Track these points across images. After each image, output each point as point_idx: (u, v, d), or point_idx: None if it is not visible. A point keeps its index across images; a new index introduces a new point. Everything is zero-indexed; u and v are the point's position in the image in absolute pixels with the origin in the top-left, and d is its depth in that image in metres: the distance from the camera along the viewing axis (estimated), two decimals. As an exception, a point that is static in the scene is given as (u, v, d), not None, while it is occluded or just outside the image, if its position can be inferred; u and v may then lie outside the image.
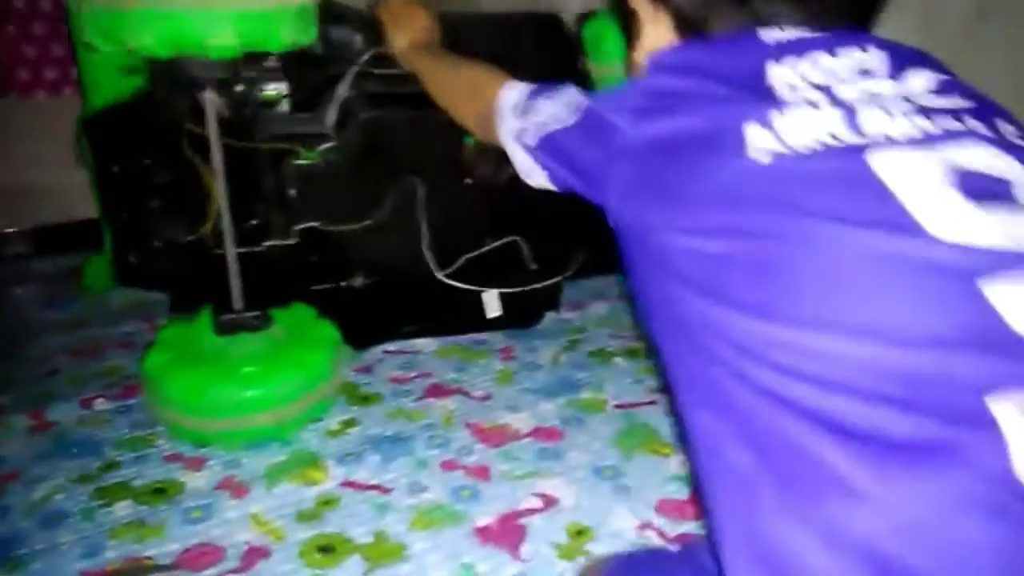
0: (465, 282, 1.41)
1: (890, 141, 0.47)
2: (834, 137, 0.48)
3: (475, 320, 1.47)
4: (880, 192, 0.44)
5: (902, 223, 0.43)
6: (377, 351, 1.42)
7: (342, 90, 1.26)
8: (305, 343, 1.21)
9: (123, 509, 0.99)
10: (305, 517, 0.98)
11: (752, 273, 0.45)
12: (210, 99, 1.08)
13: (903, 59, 0.54)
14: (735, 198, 0.48)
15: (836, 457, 0.41)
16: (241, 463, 1.10)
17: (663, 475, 1.07)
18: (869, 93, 0.51)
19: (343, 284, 1.36)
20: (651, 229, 0.52)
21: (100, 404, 1.26)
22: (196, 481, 1.05)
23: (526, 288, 1.45)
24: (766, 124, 0.49)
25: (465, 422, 1.20)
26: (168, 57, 0.97)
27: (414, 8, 1.05)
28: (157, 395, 1.15)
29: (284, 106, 1.26)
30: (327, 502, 1.01)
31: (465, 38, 1.31)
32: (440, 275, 1.38)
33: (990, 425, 0.39)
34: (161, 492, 1.03)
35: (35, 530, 0.94)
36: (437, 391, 1.30)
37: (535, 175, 0.70)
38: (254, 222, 1.30)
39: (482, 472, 1.07)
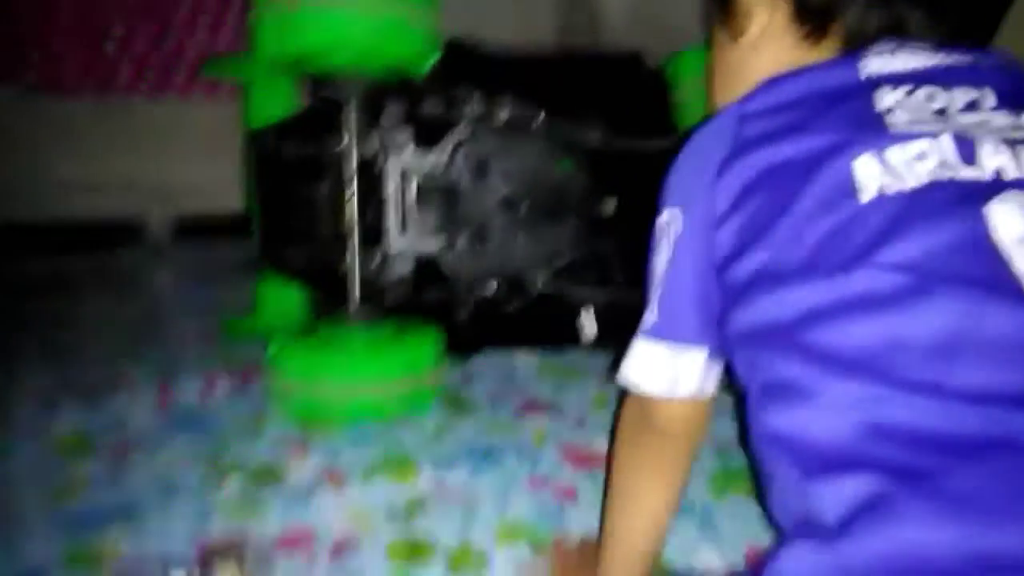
0: (561, 292, 1.43)
1: (1007, 183, 0.45)
2: (948, 170, 0.46)
3: (574, 339, 1.48)
4: (989, 247, 0.43)
5: (1004, 284, 0.41)
6: (478, 362, 1.46)
7: (460, 133, 1.33)
8: (412, 334, 1.31)
9: (232, 486, 1.06)
10: (395, 515, 1.01)
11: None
12: (350, 114, 1.16)
13: (1014, 90, 0.51)
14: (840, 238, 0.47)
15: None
16: (341, 454, 1.15)
17: (756, 520, 1.03)
18: (985, 125, 0.48)
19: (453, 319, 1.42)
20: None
21: (222, 385, 1.35)
22: (300, 467, 1.11)
23: (622, 304, 1.45)
24: (879, 157, 0.47)
25: (556, 442, 1.21)
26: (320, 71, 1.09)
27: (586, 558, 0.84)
28: (277, 370, 1.26)
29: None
30: (417, 503, 1.04)
31: (547, 77, 1.35)
32: (536, 279, 1.40)
33: None
34: (267, 474, 1.09)
35: (152, 494, 1.03)
36: (532, 407, 1.32)
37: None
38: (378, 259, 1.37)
39: (570, 494, 1.08)
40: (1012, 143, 0.46)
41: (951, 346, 0.42)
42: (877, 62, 0.54)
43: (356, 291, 1.26)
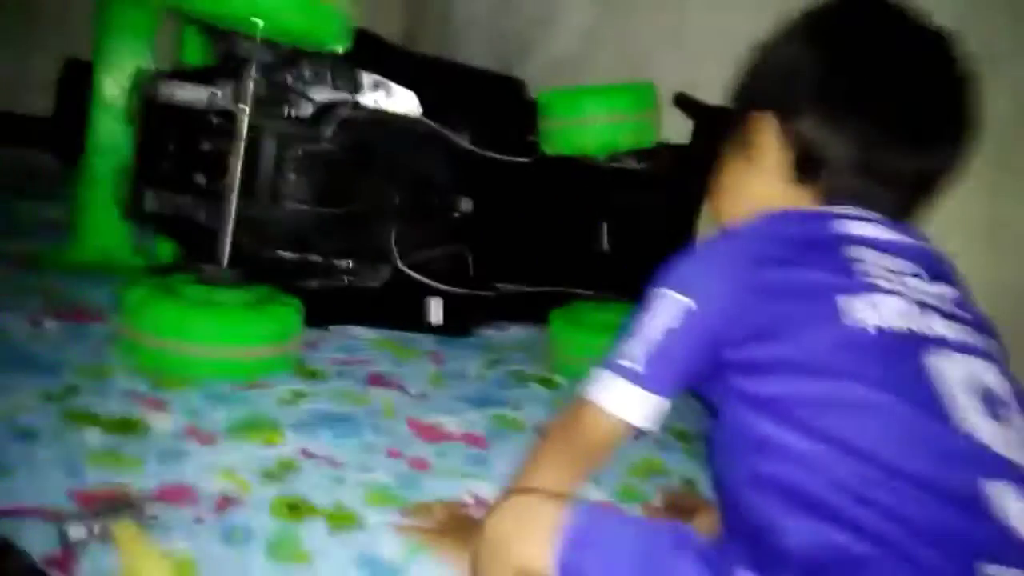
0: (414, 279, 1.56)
1: (942, 343, 0.64)
2: (905, 321, 0.64)
3: (415, 322, 1.61)
4: (929, 385, 0.61)
5: (937, 409, 0.60)
6: (318, 333, 1.52)
7: (346, 113, 1.39)
8: (278, 300, 1.34)
9: (93, 437, 1.04)
10: (269, 475, 1.07)
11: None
12: (249, 76, 1.17)
13: (936, 268, 0.72)
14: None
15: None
16: (201, 413, 1.17)
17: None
18: (922, 292, 0.68)
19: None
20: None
21: (49, 324, 1.27)
22: (161, 423, 1.12)
23: (464, 295, 1.61)
24: (857, 298, 0.65)
25: (403, 415, 1.34)
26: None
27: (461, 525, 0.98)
28: (129, 319, 1.22)
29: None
30: (288, 465, 1.11)
31: (438, 81, 1.47)
32: (400, 264, 1.52)
33: None
34: (127, 427, 1.08)
35: (10, 442, 0.98)
36: (377, 380, 1.43)
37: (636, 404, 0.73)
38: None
39: (422, 465, 1.22)
40: (942, 312, 0.66)
41: (901, 440, 0.59)
42: (849, 224, 0.71)
43: (226, 250, 1.26)
